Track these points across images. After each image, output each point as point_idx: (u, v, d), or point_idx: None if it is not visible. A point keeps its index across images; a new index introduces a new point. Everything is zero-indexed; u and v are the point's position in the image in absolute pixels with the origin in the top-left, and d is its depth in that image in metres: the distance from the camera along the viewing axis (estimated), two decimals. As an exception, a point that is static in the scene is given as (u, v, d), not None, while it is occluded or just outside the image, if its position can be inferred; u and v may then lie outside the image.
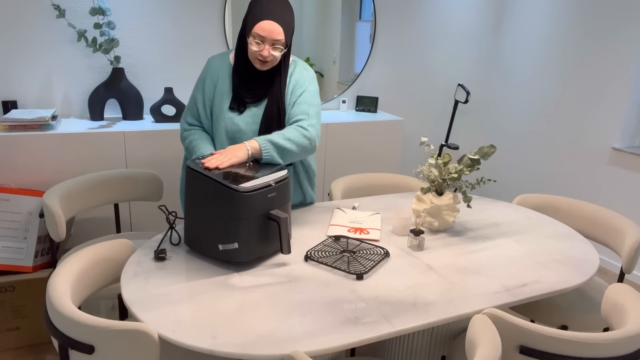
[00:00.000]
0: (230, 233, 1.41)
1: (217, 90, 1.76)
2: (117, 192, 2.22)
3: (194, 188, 1.47)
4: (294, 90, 1.77)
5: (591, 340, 1.15)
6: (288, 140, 1.64)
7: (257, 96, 1.75)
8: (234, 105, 1.75)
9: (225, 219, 1.41)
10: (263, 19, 1.60)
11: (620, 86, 3.08)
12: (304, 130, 1.69)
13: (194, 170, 1.47)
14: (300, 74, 1.79)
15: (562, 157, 3.51)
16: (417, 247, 1.64)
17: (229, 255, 1.43)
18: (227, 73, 1.77)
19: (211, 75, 1.78)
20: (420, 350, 1.63)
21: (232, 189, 1.38)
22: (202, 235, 1.48)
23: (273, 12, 1.60)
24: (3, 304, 2.14)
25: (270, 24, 1.60)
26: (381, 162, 3.27)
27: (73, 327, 1.13)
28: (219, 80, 1.77)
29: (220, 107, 1.75)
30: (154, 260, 1.48)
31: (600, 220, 2.04)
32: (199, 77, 1.83)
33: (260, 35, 1.60)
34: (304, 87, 1.78)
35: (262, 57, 1.64)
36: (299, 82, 1.78)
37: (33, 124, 2.37)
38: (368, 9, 3.39)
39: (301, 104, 1.74)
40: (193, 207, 1.48)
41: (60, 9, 2.51)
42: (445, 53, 3.74)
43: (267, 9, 1.60)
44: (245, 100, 1.75)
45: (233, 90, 1.75)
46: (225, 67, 1.78)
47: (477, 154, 1.74)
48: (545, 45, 3.53)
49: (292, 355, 1.06)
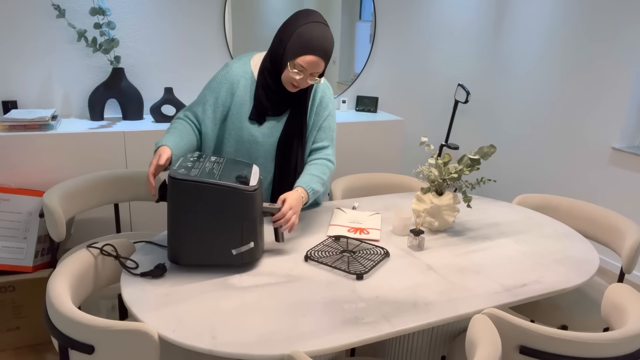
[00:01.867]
0: (245, 234, 1.41)
1: (236, 97, 1.73)
2: (117, 192, 2.22)
3: (188, 200, 1.37)
4: (319, 111, 1.80)
5: (591, 340, 1.15)
6: (323, 184, 1.75)
7: (280, 111, 1.75)
8: (255, 117, 1.73)
9: (239, 221, 1.40)
10: (311, 54, 1.58)
11: (620, 86, 3.08)
12: (331, 164, 1.80)
13: (186, 180, 1.35)
14: (324, 91, 1.81)
15: (562, 157, 3.51)
16: (417, 247, 1.64)
17: (244, 257, 1.43)
18: (248, 81, 1.73)
19: (230, 82, 1.73)
20: (420, 350, 1.63)
21: (243, 190, 1.38)
22: (204, 246, 1.41)
23: (321, 47, 1.58)
24: (3, 304, 2.14)
25: (316, 59, 1.58)
26: (381, 162, 3.27)
27: (73, 327, 1.13)
28: (239, 87, 1.73)
29: (239, 116, 1.73)
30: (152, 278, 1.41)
31: (600, 220, 2.04)
32: (215, 78, 1.75)
33: (303, 66, 1.59)
34: (328, 108, 1.81)
35: (298, 85, 1.65)
36: (323, 101, 1.80)
37: (33, 124, 2.37)
38: (368, 9, 3.39)
39: (326, 130, 1.81)
40: (188, 221, 1.38)
41: (60, 9, 2.51)
42: (445, 53, 3.74)
43: (315, 44, 1.57)
44: (267, 114, 1.74)
45: (255, 101, 1.72)
46: (246, 74, 1.74)
47: (477, 154, 1.74)
48: (545, 45, 3.53)
49: (292, 355, 1.06)
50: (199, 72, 3.00)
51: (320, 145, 1.81)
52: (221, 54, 3.02)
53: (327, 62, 1.63)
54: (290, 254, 1.56)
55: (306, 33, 1.57)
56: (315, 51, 1.57)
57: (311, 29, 1.58)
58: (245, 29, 3.05)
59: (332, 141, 1.84)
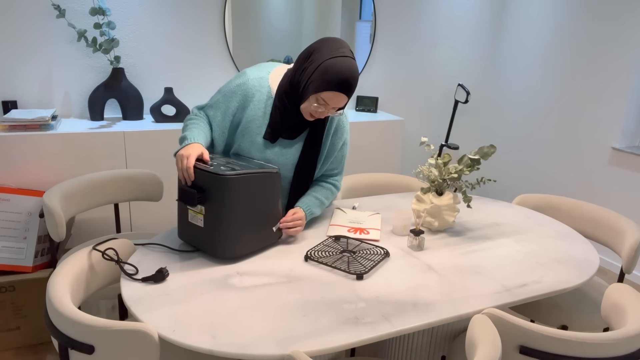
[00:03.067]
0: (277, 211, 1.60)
1: (249, 111, 1.66)
2: (117, 192, 2.22)
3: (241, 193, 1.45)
4: (334, 141, 1.77)
5: (591, 340, 1.15)
6: (323, 207, 1.81)
7: (294, 135, 1.70)
8: (268, 137, 1.67)
9: (276, 200, 1.57)
10: (337, 90, 1.51)
11: (620, 86, 3.08)
12: (336, 190, 1.85)
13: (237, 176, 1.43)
14: (341, 119, 1.77)
15: (562, 157, 3.51)
16: (417, 247, 1.64)
17: (276, 236, 1.61)
18: (264, 96, 1.67)
19: (244, 94, 1.66)
20: (420, 350, 1.63)
21: (277, 172, 1.55)
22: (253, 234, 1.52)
23: (348, 84, 1.51)
24: (3, 304, 2.14)
25: (342, 97, 1.54)
26: (381, 162, 3.27)
27: (73, 327, 1.13)
28: (253, 101, 1.66)
29: (250, 130, 1.67)
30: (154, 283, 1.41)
31: (600, 220, 2.04)
32: (229, 86, 1.68)
33: (326, 101, 1.54)
34: (343, 137, 1.79)
35: (318, 117, 1.61)
36: (338, 130, 1.76)
37: (33, 124, 2.37)
38: (368, 9, 3.39)
39: (340, 158, 1.82)
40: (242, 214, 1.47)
41: (60, 9, 2.51)
42: (445, 53, 3.74)
43: (343, 81, 1.50)
44: (282, 135, 1.69)
45: (270, 121, 1.67)
46: (263, 89, 1.67)
47: (477, 154, 1.74)
48: (545, 45, 3.53)
49: (292, 355, 1.06)
50: (199, 72, 3.00)
51: (331, 173, 1.84)
52: (221, 54, 3.02)
53: (350, 97, 1.58)
54: (290, 254, 1.56)
55: (334, 68, 1.50)
56: (341, 88, 1.51)
57: (340, 64, 1.51)
58: (245, 29, 3.05)
59: (343, 168, 1.86)
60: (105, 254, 1.46)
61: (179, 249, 1.55)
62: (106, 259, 1.46)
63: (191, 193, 1.45)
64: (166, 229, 2.70)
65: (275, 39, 3.16)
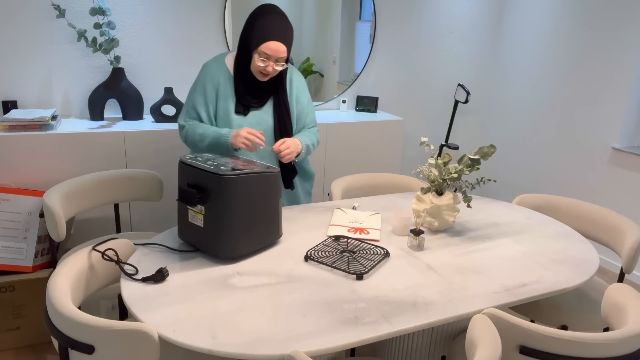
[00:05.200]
0: (277, 211, 1.59)
1: (220, 93, 1.88)
2: (117, 192, 2.22)
3: (243, 193, 1.45)
4: (298, 98, 2.00)
5: (591, 340, 1.15)
6: (313, 146, 2.00)
7: (261, 102, 1.92)
8: (240, 109, 1.88)
9: (276, 200, 1.57)
10: (270, 40, 1.74)
11: (620, 86, 3.08)
12: (317, 137, 2.05)
13: (238, 176, 1.44)
14: (299, 80, 2.01)
15: (562, 157, 3.51)
16: (417, 247, 1.64)
17: (276, 236, 1.60)
18: (226, 77, 1.89)
19: (211, 80, 1.89)
20: (420, 350, 1.63)
21: (273, 171, 1.53)
22: (247, 234, 1.50)
23: (279, 33, 1.75)
24: (3, 304, 2.14)
25: (276, 44, 1.75)
26: (381, 162, 3.27)
27: (73, 327, 1.13)
28: (220, 84, 1.88)
29: (226, 110, 1.88)
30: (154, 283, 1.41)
31: (600, 220, 2.04)
32: (197, 81, 1.92)
33: (267, 53, 1.76)
34: (306, 95, 2.03)
35: (267, 72, 1.81)
36: (299, 88, 2.00)
37: (33, 124, 2.37)
38: (368, 9, 3.39)
39: (309, 114, 2.04)
40: (243, 213, 1.47)
41: (60, 9, 2.51)
42: (445, 53, 3.74)
43: (273, 31, 1.75)
44: (251, 105, 1.90)
45: (237, 95, 1.88)
46: (223, 71, 1.89)
47: (477, 154, 1.74)
48: (545, 45, 3.53)
49: (292, 355, 1.06)
50: (199, 72, 3.00)
51: (308, 128, 2.05)
52: (221, 54, 3.02)
53: (288, 47, 1.79)
54: (290, 254, 1.56)
55: (264, 21, 1.75)
56: (275, 37, 1.74)
57: (269, 17, 1.75)
58: (245, 29, 3.05)
59: (315, 122, 2.08)
60: (104, 255, 1.46)
61: (179, 249, 1.55)
62: (106, 259, 1.46)
63: (191, 193, 1.45)
64: (166, 229, 2.70)
65: (275, 39, 3.16)
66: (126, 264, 1.44)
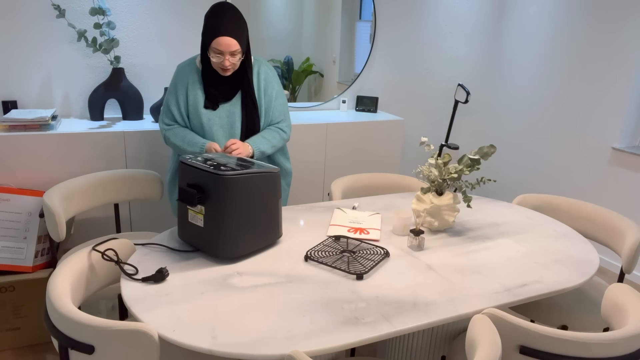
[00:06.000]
0: (277, 211, 1.58)
1: (190, 93, 1.96)
2: (117, 192, 2.22)
3: (242, 192, 1.45)
4: (266, 90, 2.03)
5: (591, 340, 1.15)
6: (273, 147, 2.01)
7: (228, 96, 1.97)
8: (208, 105, 1.96)
9: (276, 200, 1.57)
10: (218, 36, 1.79)
11: (620, 86, 3.08)
12: (283, 133, 2.06)
13: (238, 176, 1.43)
14: (267, 73, 2.04)
15: (562, 157, 3.51)
16: (417, 247, 1.64)
17: (276, 236, 1.60)
18: (196, 77, 1.97)
19: (181, 81, 1.98)
20: (420, 350, 1.63)
21: (273, 171, 1.53)
22: (247, 234, 1.50)
23: (227, 28, 1.80)
24: (3, 304, 2.14)
25: (225, 39, 1.80)
26: (381, 162, 3.27)
27: (73, 327, 1.13)
28: (189, 83, 1.97)
29: (196, 106, 1.96)
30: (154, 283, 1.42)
31: (600, 220, 2.04)
32: (171, 83, 2.01)
33: (218, 49, 1.81)
34: (274, 88, 2.05)
35: (224, 67, 1.86)
36: (267, 81, 2.03)
37: (33, 124, 2.37)
38: (368, 9, 3.39)
39: (277, 108, 2.06)
40: (243, 213, 1.47)
41: (60, 9, 2.51)
42: (445, 53, 3.74)
43: (221, 26, 1.79)
44: (219, 100, 1.97)
45: (205, 92, 1.96)
46: (193, 71, 1.98)
47: (477, 154, 1.74)
48: (545, 45, 3.53)
49: (292, 355, 1.06)
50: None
51: (276, 122, 2.07)
52: (221, 54, 3.02)
53: (240, 39, 1.83)
54: (290, 254, 1.56)
55: (212, 20, 1.81)
56: (222, 32, 1.79)
57: (217, 16, 1.80)
58: (245, 29, 3.05)
59: (285, 116, 2.09)
60: (104, 255, 1.46)
61: (179, 249, 1.55)
62: (106, 259, 1.46)
63: (191, 193, 1.45)
64: (166, 229, 2.70)
65: (275, 39, 3.16)
66: (126, 264, 1.44)
